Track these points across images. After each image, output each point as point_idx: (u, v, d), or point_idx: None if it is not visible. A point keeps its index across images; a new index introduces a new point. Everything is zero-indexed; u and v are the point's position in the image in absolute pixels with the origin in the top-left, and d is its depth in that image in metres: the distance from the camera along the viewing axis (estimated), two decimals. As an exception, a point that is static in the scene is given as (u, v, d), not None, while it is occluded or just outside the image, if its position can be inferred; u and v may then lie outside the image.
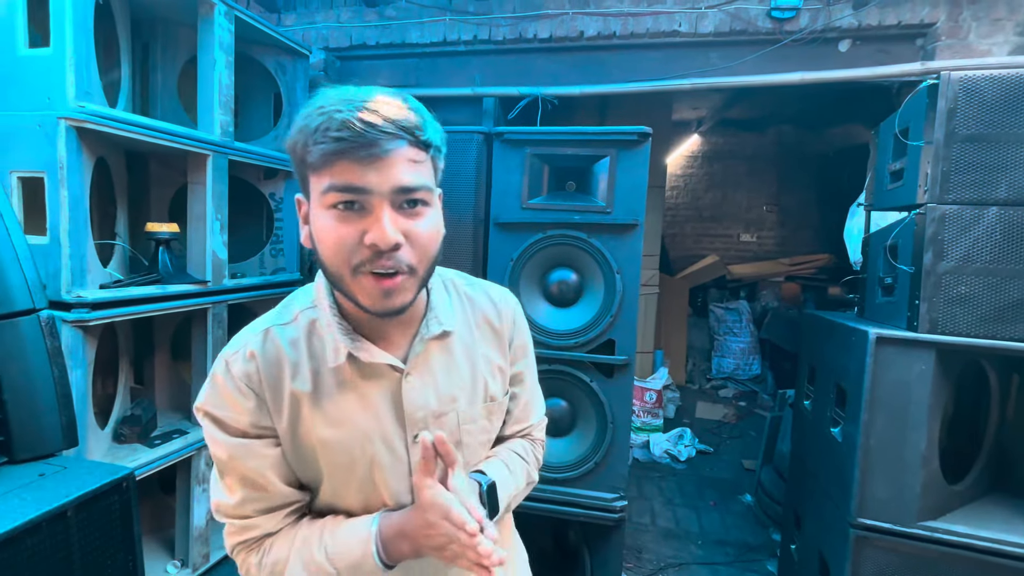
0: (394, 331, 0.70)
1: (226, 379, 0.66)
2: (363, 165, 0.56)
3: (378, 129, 0.56)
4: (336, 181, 0.57)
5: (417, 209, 0.61)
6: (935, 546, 1.49)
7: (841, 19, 2.25)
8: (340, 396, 0.67)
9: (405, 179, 0.59)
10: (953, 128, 1.47)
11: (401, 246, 0.59)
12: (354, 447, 0.67)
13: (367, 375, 0.68)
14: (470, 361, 0.75)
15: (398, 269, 0.60)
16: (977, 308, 1.45)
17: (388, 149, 0.57)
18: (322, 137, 0.56)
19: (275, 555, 0.68)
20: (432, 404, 0.71)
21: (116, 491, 1.19)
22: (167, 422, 2.16)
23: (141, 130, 1.75)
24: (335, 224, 0.59)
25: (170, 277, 1.93)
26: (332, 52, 2.82)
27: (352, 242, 0.58)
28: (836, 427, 1.72)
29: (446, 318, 0.73)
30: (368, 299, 0.61)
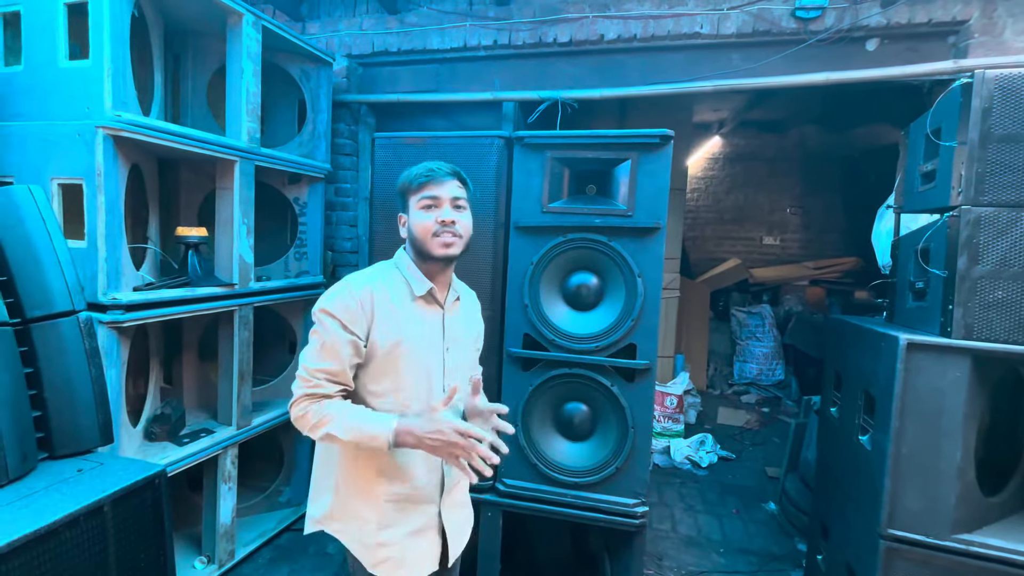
0: (439, 287, 1.20)
1: (347, 295, 1.10)
2: (437, 186, 1.15)
3: (443, 171, 1.17)
4: (425, 193, 1.15)
5: (460, 211, 1.18)
6: (970, 560, 1.44)
7: (869, 18, 2.20)
8: (414, 315, 1.16)
9: (455, 193, 1.17)
10: (988, 128, 1.42)
11: (456, 223, 1.15)
12: (419, 340, 1.16)
13: (427, 306, 1.19)
14: (469, 317, 1.32)
15: (455, 234, 1.15)
16: (1015, 314, 1.40)
17: (447, 179, 1.16)
18: (420, 176, 1.16)
19: (328, 409, 1.07)
20: (456, 332, 1.24)
21: (149, 487, 1.23)
22: (195, 421, 2.21)
23: (173, 137, 1.80)
24: (424, 215, 1.15)
25: (199, 280, 1.98)
26: (355, 59, 2.87)
27: (432, 223, 1.14)
28: (865, 435, 1.67)
29: (460, 289, 1.29)
30: (439, 249, 1.14)
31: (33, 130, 1.68)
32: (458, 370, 1.23)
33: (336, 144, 2.82)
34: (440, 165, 1.17)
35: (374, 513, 1.16)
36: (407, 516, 1.18)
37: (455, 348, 1.22)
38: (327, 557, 2.36)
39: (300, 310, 2.60)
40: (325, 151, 2.60)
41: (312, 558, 2.35)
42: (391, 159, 1.85)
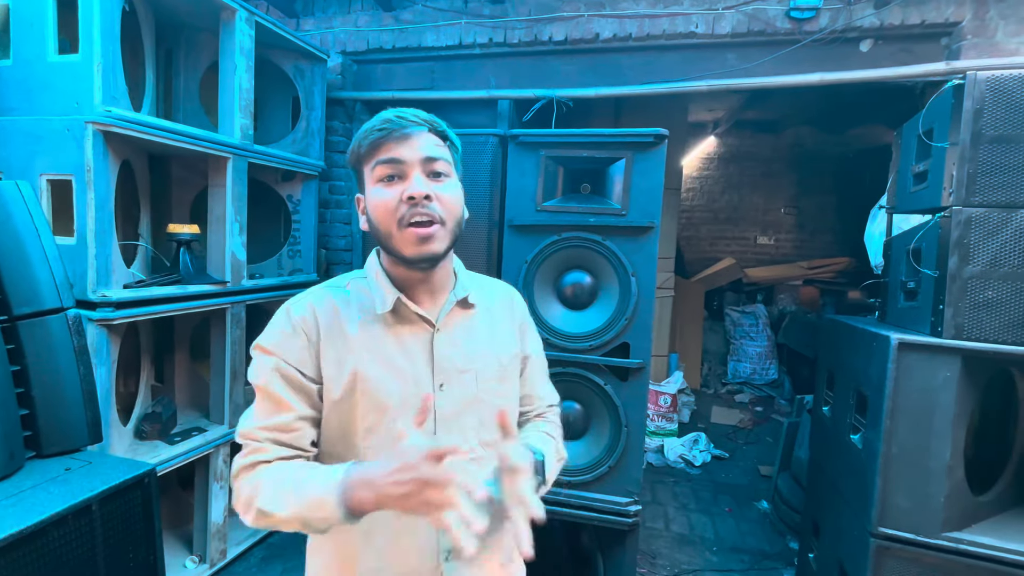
0: (426, 296, 0.84)
1: (285, 321, 0.79)
2: (398, 143, 0.76)
3: (406, 119, 0.77)
4: (381, 157, 0.77)
5: (441, 179, 0.78)
6: (960, 558, 1.45)
7: (862, 19, 2.21)
8: (384, 339, 0.80)
9: (430, 151, 0.77)
10: (980, 129, 1.43)
11: (432, 198, 0.76)
12: (391, 383, 0.79)
13: (406, 325, 0.82)
14: (489, 331, 0.88)
15: (431, 218, 0.76)
16: (1005, 314, 1.41)
17: (415, 131, 0.77)
18: (370, 133, 0.77)
19: (259, 475, 0.74)
20: (457, 359, 0.83)
21: (138, 486, 1.22)
22: (186, 420, 2.20)
23: (164, 133, 1.79)
24: (383, 191, 0.77)
25: (190, 277, 1.97)
26: (349, 56, 2.85)
27: (395, 201, 0.76)
28: (856, 434, 1.68)
29: (472, 289, 0.87)
30: (410, 247, 0.76)
31: (21, 125, 1.66)
32: (466, 414, 0.82)
33: (330, 141, 2.80)
34: (401, 112, 0.78)
35: None
36: None
37: (455, 384, 0.81)
38: (320, 556, 2.35)
39: (293, 308, 2.58)
40: (319, 148, 2.58)
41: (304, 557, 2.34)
42: (385, 157, 1.84)
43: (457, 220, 0.80)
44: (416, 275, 0.81)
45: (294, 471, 0.73)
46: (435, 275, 0.82)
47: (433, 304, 0.84)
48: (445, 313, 0.83)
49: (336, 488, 0.66)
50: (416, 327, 0.82)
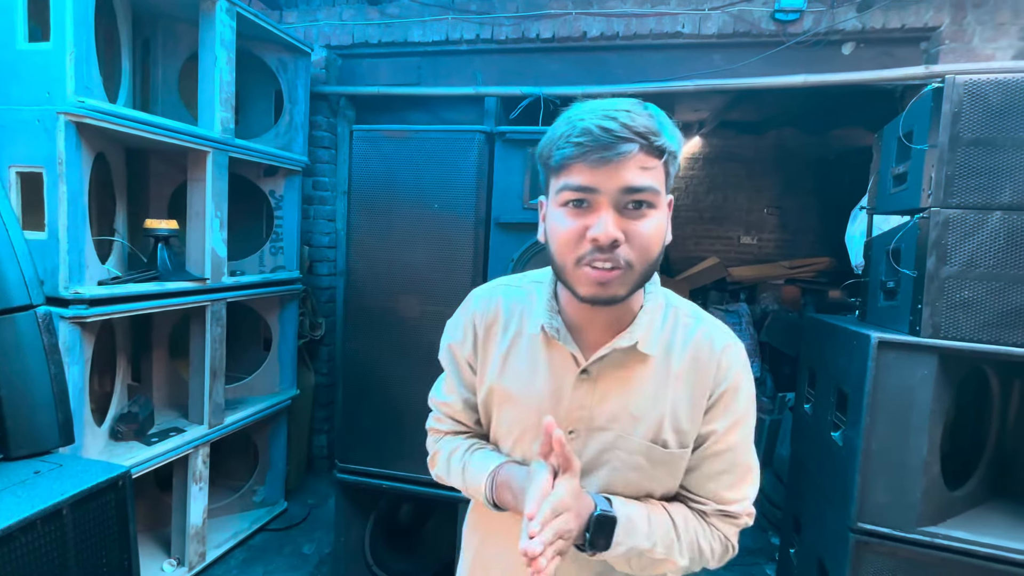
0: (593, 330, 0.73)
1: (466, 312, 0.83)
2: (595, 167, 0.62)
3: (613, 134, 0.60)
4: (569, 181, 0.63)
5: (642, 211, 0.64)
6: (935, 552, 1.48)
7: (845, 22, 2.24)
8: (524, 360, 0.76)
9: (632, 180, 0.62)
10: (958, 132, 1.46)
11: (620, 244, 0.63)
12: (519, 404, 0.76)
13: (553, 355, 0.74)
14: (656, 393, 0.71)
15: (615, 265, 0.63)
16: (980, 313, 1.45)
17: (620, 152, 0.61)
18: (564, 143, 0.63)
19: (439, 447, 0.86)
20: (596, 414, 0.72)
21: (112, 489, 1.18)
22: (164, 420, 2.15)
23: (141, 126, 1.74)
24: (564, 219, 0.65)
25: (168, 274, 1.92)
26: (334, 50, 2.81)
27: (576, 235, 0.64)
28: (837, 431, 1.71)
29: (647, 338, 0.71)
30: (584, 288, 0.65)
31: (-11, 115, 1.60)
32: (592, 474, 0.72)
33: (314, 136, 2.76)
34: (612, 116, 0.61)
35: None
36: None
37: (588, 439, 0.72)
38: (302, 557, 2.32)
39: (276, 306, 2.54)
40: (303, 143, 2.54)
41: (287, 558, 2.31)
42: (370, 152, 1.81)
43: (650, 262, 0.66)
44: (586, 307, 0.69)
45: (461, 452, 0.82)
46: (609, 311, 0.70)
47: (599, 339, 0.71)
48: (599, 357, 0.70)
49: (487, 480, 0.75)
50: (565, 361, 0.73)
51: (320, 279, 2.91)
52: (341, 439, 1.91)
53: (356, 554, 1.98)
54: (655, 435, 0.71)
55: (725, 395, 0.72)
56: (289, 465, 2.69)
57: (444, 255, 1.75)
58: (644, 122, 0.62)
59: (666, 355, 0.72)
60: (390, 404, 1.83)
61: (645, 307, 0.72)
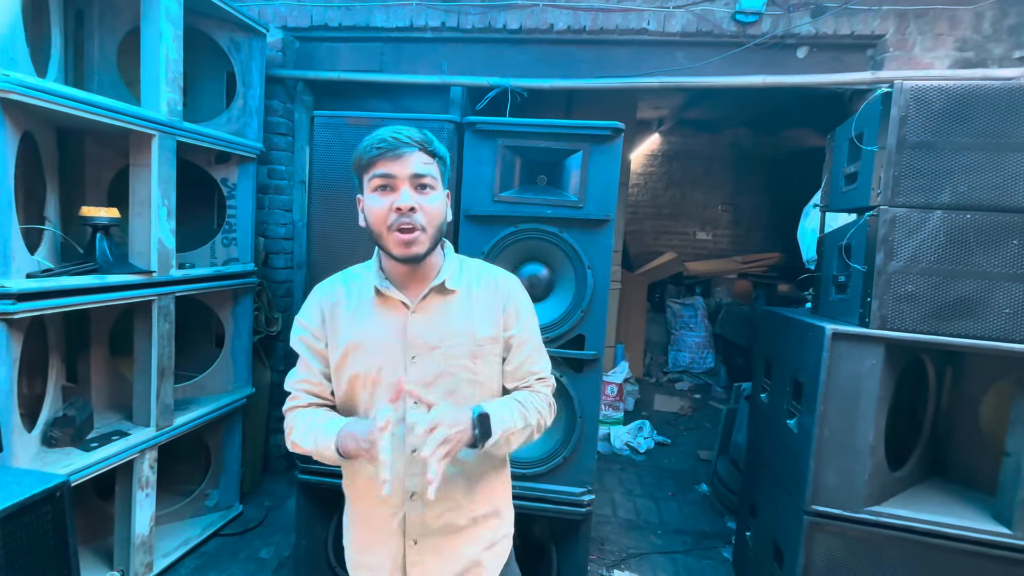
0: (413, 284, 1.00)
1: (312, 299, 1.04)
2: (392, 161, 0.92)
3: (400, 140, 0.92)
4: (377, 171, 0.93)
5: (426, 191, 0.94)
6: (880, 529, 1.58)
7: (800, 26, 2.33)
8: (368, 317, 0.99)
9: (417, 169, 0.93)
10: (904, 135, 1.54)
11: (416, 210, 0.92)
12: (371, 350, 0.98)
13: (388, 307, 0.99)
14: (466, 314, 1.01)
15: (414, 226, 0.92)
16: (922, 305, 1.54)
17: (406, 151, 0.92)
18: (371, 149, 0.93)
19: (296, 417, 1.02)
20: (428, 337, 0.98)
21: (48, 501, 1.08)
22: (105, 423, 2.00)
23: (76, 104, 1.59)
24: (377, 199, 0.93)
25: (109, 266, 1.78)
26: (291, 32, 2.67)
27: (386, 209, 0.92)
28: (792, 419, 1.79)
29: (452, 279, 1.01)
30: (396, 248, 0.93)
31: None
32: (435, 385, 0.98)
33: (269, 122, 2.63)
34: (399, 130, 0.93)
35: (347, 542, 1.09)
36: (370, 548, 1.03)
37: (426, 358, 0.97)
38: (260, 562, 2.22)
39: (228, 300, 2.41)
40: (257, 129, 2.41)
41: (243, 564, 2.21)
42: (332, 140, 1.74)
43: (438, 225, 0.96)
44: (404, 267, 0.97)
45: (316, 417, 0.99)
46: (420, 268, 0.98)
47: (416, 289, 1.00)
48: (421, 297, 0.98)
49: (333, 437, 0.92)
50: (396, 309, 0.99)
51: (276, 272, 2.79)
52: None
53: (318, 556, 1.92)
54: (472, 340, 1.00)
55: (511, 308, 1.04)
56: (244, 467, 2.57)
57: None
58: (419, 135, 0.94)
59: (467, 289, 1.02)
60: (355, 401, 1.77)
61: (446, 262, 1.03)
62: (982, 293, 1.50)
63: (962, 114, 1.51)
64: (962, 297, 1.51)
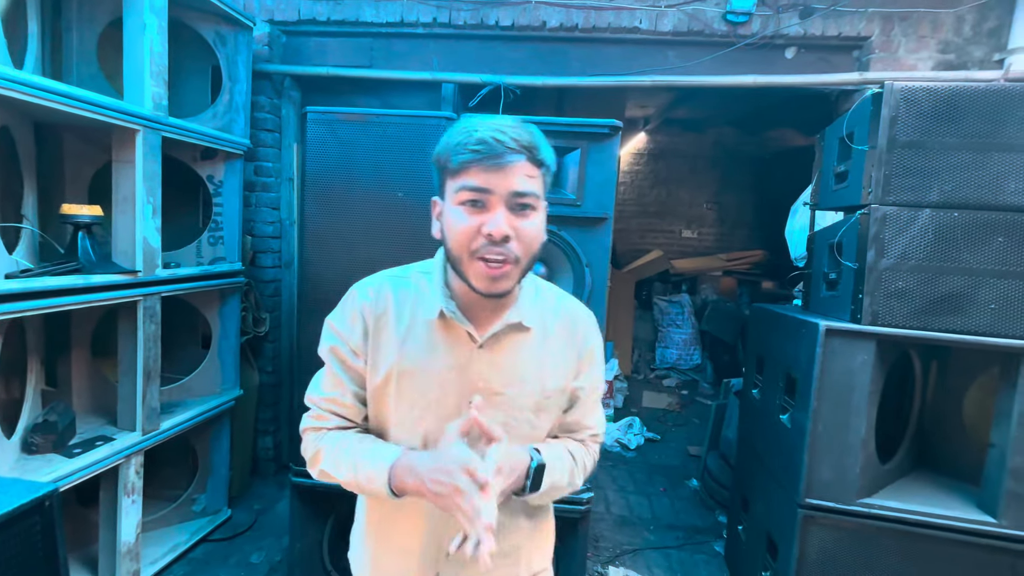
0: (483, 315, 0.82)
1: (350, 304, 0.85)
2: (489, 171, 0.72)
3: (504, 145, 0.71)
4: (467, 182, 0.72)
5: (526, 212, 0.75)
6: (871, 521, 1.61)
7: (789, 27, 2.37)
8: (423, 343, 0.82)
9: (520, 185, 0.73)
10: (894, 135, 1.57)
11: (510, 239, 0.73)
12: (423, 385, 0.81)
13: (450, 335, 0.82)
14: (538, 358, 0.85)
15: (506, 258, 0.73)
16: (911, 302, 1.58)
17: (510, 160, 0.71)
18: (462, 149, 0.72)
19: (323, 441, 0.85)
20: (493, 381, 0.82)
21: (37, 511, 1.04)
22: (88, 428, 1.93)
23: (56, 97, 1.53)
24: (462, 216, 0.73)
25: (92, 266, 1.72)
26: (278, 26, 2.62)
27: (473, 231, 0.73)
28: (785, 414, 1.82)
29: (528, 315, 0.84)
30: (478, 281, 0.75)
31: None
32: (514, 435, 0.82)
33: (256, 118, 2.57)
34: (503, 129, 0.72)
35: None
36: None
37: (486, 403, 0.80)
38: (250, 567, 2.18)
39: (215, 300, 2.35)
40: (244, 125, 2.35)
41: (233, 569, 2.16)
42: (326, 136, 1.70)
43: (533, 256, 0.78)
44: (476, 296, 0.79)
45: (352, 443, 0.82)
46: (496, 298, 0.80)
47: (487, 320, 0.83)
48: (492, 333, 0.82)
49: (386, 470, 0.76)
50: (460, 339, 0.82)
51: (264, 271, 2.73)
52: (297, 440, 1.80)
53: (313, 559, 1.88)
54: (541, 391, 0.85)
55: (586, 356, 0.90)
56: (232, 470, 2.52)
57: (409, 247, 1.68)
58: (528, 138, 0.73)
59: (542, 328, 0.86)
60: (350, 402, 1.74)
61: (523, 288, 0.85)
62: (969, 289, 1.54)
63: (949, 115, 1.54)
64: (950, 293, 1.55)
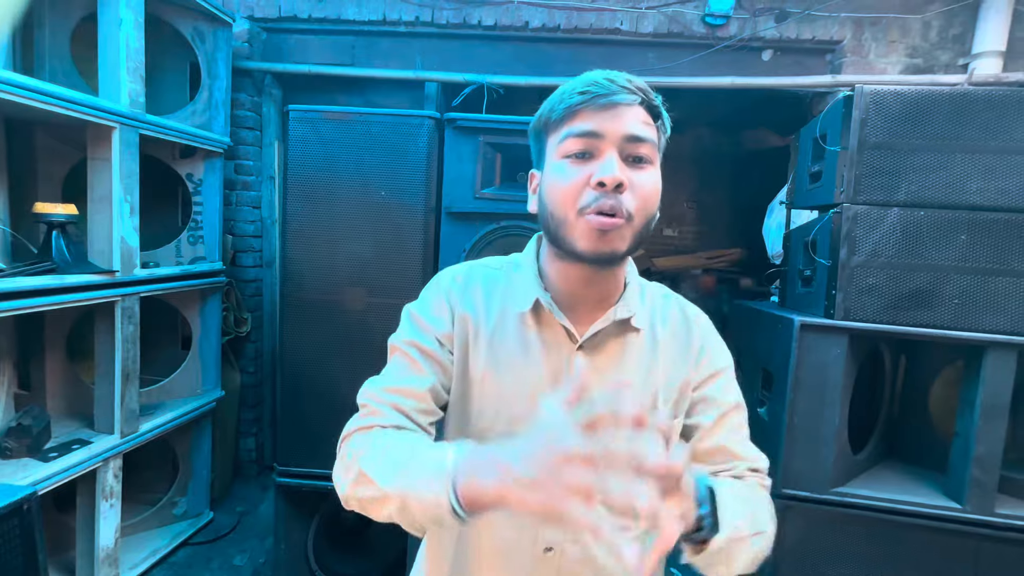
0: (583, 308, 0.70)
1: (435, 290, 0.74)
2: (600, 112, 0.62)
3: (618, 84, 0.63)
4: (575, 127, 0.63)
5: (642, 165, 0.64)
6: (844, 509, 1.67)
7: (765, 30, 2.43)
8: (513, 341, 0.69)
9: (635, 129, 0.63)
10: (865, 136, 1.63)
11: (624, 187, 0.61)
12: (510, 391, 0.68)
13: (545, 334, 0.69)
14: (646, 366, 0.71)
15: (618, 211, 0.61)
16: (881, 297, 1.64)
17: (624, 100, 0.62)
18: (570, 94, 0.64)
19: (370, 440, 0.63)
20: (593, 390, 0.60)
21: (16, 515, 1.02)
22: (64, 431, 1.89)
23: (28, 93, 1.50)
24: (568, 168, 0.63)
25: (68, 266, 1.68)
26: (258, 22, 2.58)
27: (580, 184, 0.62)
28: (762, 407, 1.87)
29: (637, 310, 0.71)
30: (586, 240, 0.62)
31: None
32: None
33: (236, 116, 2.53)
34: (615, 75, 0.65)
35: None
36: None
37: None
38: (234, 570, 2.16)
39: (196, 300, 2.32)
40: (224, 123, 2.32)
41: (216, 572, 2.14)
42: (309, 135, 1.70)
43: (649, 218, 0.65)
44: (581, 277, 0.67)
45: (408, 442, 0.61)
46: (602, 282, 0.68)
47: (589, 315, 0.69)
48: (595, 332, 0.68)
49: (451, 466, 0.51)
50: (557, 338, 0.69)
51: (245, 271, 2.70)
52: (281, 441, 1.80)
53: (298, 560, 1.88)
54: (651, 405, 0.69)
55: (707, 360, 0.73)
56: (214, 472, 2.49)
57: (392, 245, 1.68)
58: (642, 83, 0.66)
59: (651, 328, 0.73)
60: (333, 402, 1.74)
61: (630, 284, 0.73)
62: (934, 285, 1.61)
63: (916, 117, 1.61)
64: (917, 289, 1.61)
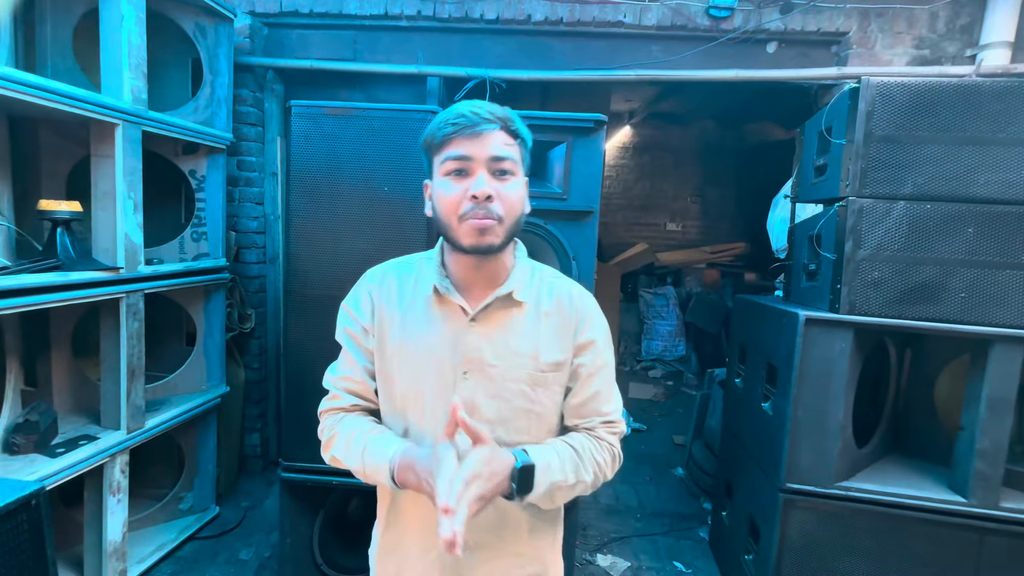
0: (476, 288, 0.87)
1: (360, 286, 0.92)
2: (469, 140, 0.79)
3: (480, 116, 0.79)
4: (450, 152, 0.80)
5: (505, 177, 0.81)
6: (849, 503, 1.67)
7: (770, 22, 2.40)
8: (420, 318, 0.87)
9: (498, 151, 0.80)
10: (871, 128, 1.61)
11: (493, 198, 0.79)
12: (419, 359, 0.86)
13: (444, 311, 0.86)
14: (532, 333, 0.87)
15: (489, 217, 0.79)
16: (887, 291, 1.63)
17: (486, 129, 0.79)
18: (444, 125, 0.80)
19: (339, 425, 0.89)
20: (485, 353, 0.85)
21: (24, 510, 1.03)
22: (71, 427, 1.91)
23: (31, 90, 1.50)
24: (449, 184, 0.80)
25: (73, 263, 1.69)
26: (259, 17, 2.58)
27: (459, 196, 0.79)
28: (767, 402, 1.87)
29: (521, 289, 0.87)
30: (467, 238, 0.80)
31: None
32: (487, 407, 0.85)
33: (238, 112, 2.53)
34: (479, 105, 0.81)
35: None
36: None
37: (480, 376, 0.85)
38: (240, 564, 2.17)
39: (200, 297, 2.32)
40: (226, 119, 2.32)
41: (222, 567, 2.16)
42: (311, 130, 1.69)
43: (516, 218, 0.83)
44: (470, 264, 0.84)
45: (363, 431, 0.86)
46: (488, 267, 0.85)
47: (481, 294, 0.86)
48: (484, 306, 0.85)
49: (388, 465, 0.80)
50: (453, 314, 0.86)
51: (248, 267, 2.70)
52: (286, 436, 1.80)
53: (304, 554, 1.89)
54: (535, 365, 0.86)
55: (585, 330, 0.90)
56: (219, 467, 2.50)
57: (396, 241, 1.68)
58: (502, 112, 0.81)
59: (536, 303, 0.89)
60: (339, 397, 1.74)
61: (517, 266, 0.89)
62: (940, 278, 1.59)
63: (923, 109, 1.59)
64: (923, 282, 1.60)
